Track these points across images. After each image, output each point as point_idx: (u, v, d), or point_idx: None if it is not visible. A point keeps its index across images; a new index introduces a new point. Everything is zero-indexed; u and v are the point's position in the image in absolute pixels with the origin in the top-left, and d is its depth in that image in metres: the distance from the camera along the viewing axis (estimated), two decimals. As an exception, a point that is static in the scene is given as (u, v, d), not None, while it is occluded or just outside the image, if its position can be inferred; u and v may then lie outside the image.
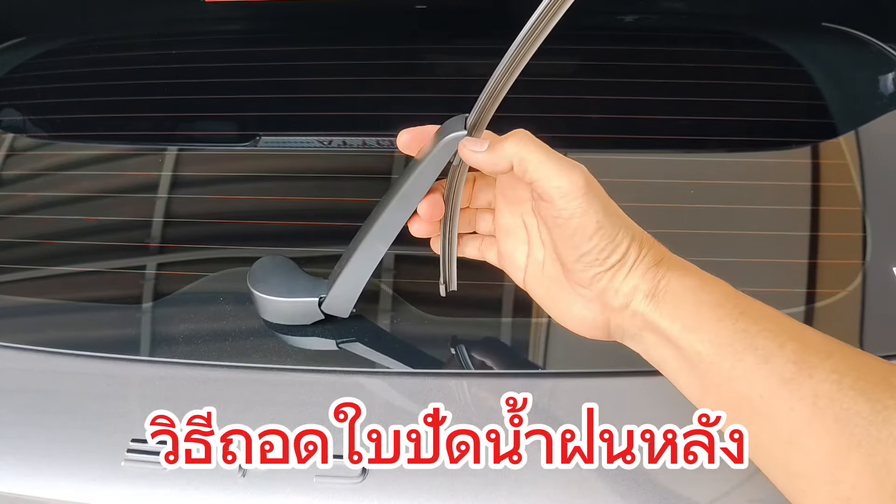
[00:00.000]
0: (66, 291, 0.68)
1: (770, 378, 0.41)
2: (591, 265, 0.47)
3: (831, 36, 0.84)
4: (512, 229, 0.54)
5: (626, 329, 0.48)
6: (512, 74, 0.47)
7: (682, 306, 0.45)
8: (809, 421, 0.39)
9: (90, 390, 0.59)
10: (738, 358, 0.42)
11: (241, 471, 0.53)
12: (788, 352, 0.41)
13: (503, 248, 0.55)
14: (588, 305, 0.49)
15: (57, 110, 0.86)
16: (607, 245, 0.47)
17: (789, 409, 0.40)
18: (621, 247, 0.47)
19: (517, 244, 0.54)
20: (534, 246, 0.53)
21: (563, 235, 0.48)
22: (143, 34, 0.91)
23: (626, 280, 0.47)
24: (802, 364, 0.41)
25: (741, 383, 0.42)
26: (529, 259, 0.54)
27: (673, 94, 0.79)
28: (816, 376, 0.40)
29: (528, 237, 0.54)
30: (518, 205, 0.53)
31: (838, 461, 0.38)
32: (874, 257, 0.65)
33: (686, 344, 0.44)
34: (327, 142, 0.77)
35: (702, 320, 0.44)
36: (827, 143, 0.73)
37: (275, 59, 0.87)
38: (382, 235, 0.56)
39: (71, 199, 0.75)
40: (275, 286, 0.61)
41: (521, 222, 0.54)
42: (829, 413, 0.39)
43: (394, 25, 0.90)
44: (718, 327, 0.43)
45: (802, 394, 0.40)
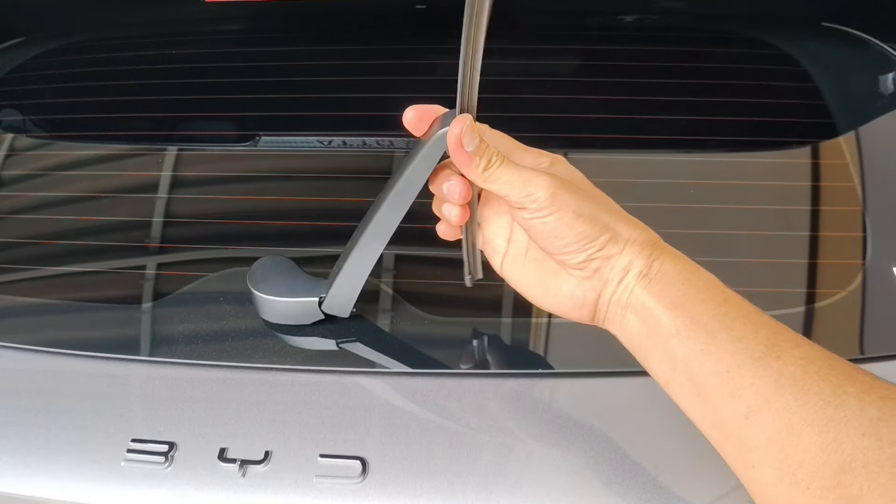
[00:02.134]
0: (66, 291, 0.68)
1: (739, 355, 0.43)
2: (579, 250, 0.49)
3: (831, 36, 0.84)
4: (496, 216, 0.55)
5: (612, 306, 0.49)
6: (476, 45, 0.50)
7: (671, 286, 0.47)
8: (770, 397, 0.41)
9: (90, 390, 0.59)
10: (712, 336, 0.44)
11: (241, 470, 0.53)
12: (762, 336, 0.43)
13: (486, 232, 0.56)
14: (581, 284, 0.50)
15: (57, 110, 0.86)
16: (591, 230, 0.48)
17: (752, 384, 0.42)
18: (609, 227, 0.48)
19: (499, 229, 0.55)
20: (516, 231, 0.54)
21: (542, 234, 0.49)
22: (143, 34, 0.91)
23: (622, 256, 0.48)
24: (773, 348, 0.42)
25: (711, 358, 0.43)
26: (511, 244, 0.54)
27: (673, 94, 0.79)
28: (784, 358, 0.42)
29: (511, 223, 0.54)
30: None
31: (791, 437, 0.40)
32: (874, 257, 0.65)
33: (666, 319, 0.46)
34: (327, 142, 0.77)
35: (687, 299, 0.46)
36: (827, 143, 0.73)
37: (275, 59, 0.87)
38: (378, 234, 0.56)
39: (71, 199, 0.75)
40: (275, 286, 0.61)
41: (506, 209, 0.54)
42: (790, 391, 0.40)
43: (394, 25, 0.90)
44: (701, 308, 0.45)
45: (767, 372, 0.41)
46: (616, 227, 0.49)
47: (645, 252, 0.48)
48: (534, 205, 0.48)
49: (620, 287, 0.48)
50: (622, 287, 0.48)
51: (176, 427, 0.56)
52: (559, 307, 0.52)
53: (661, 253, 0.48)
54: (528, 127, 0.77)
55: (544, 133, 0.76)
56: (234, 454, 0.54)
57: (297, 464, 0.53)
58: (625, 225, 0.49)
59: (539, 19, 0.88)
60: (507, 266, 0.55)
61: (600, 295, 0.50)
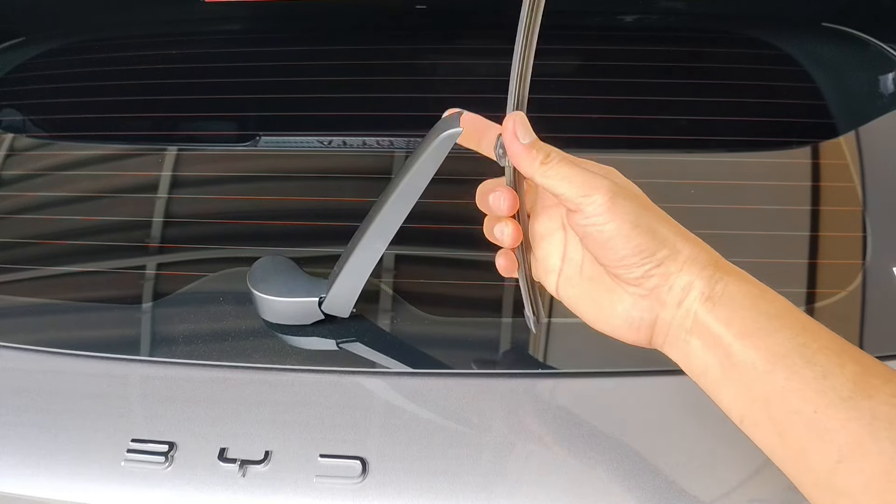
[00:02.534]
0: (66, 291, 0.68)
1: (827, 394, 0.39)
2: (637, 264, 0.46)
3: (831, 36, 0.84)
4: (548, 233, 0.53)
5: (673, 329, 0.46)
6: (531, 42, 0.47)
7: (740, 312, 0.43)
8: (863, 440, 0.38)
9: (90, 390, 0.59)
10: (794, 370, 0.41)
11: (241, 470, 0.53)
12: (848, 372, 0.40)
13: (537, 252, 0.54)
14: (638, 303, 0.47)
15: (57, 110, 0.86)
16: (649, 243, 0.45)
17: (842, 426, 0.39)
18: (668, 242, 0.45)
19: (552, 248, 0.53)
20: (570, 247, 0.52)
21: (598, 242, 0.46)
22: (143, 34, 0.91)
23: (681, 275, 0.45)
24: (862, 385, 0.39)
25: (794, 396, 0.40)
26: (565, 262, 0.52)
27: (673, 94, 0.79)
28: (876, 398, 0.39)
29: (565, 239, 0.52)
30: (556, 207, 0.52)
31: (890, 483, 0.37)
32: (874, 257, 0.65)
33: (738, 349, 0.42)
34: (327, 142, 0.77)
35: (759, 328, 0.42)
36: (827, 143, 0.73)
37: (275, 59, 0.87)
38: (380, 234, 0.56)
39: (71, 199, 0.75)
40: (275, 286, 0.61)
41: (560, 224, 0.52)
42: (885, 434, 0.38)
43: (394, 25, 0.90)
44: (777, 337, 0.42)
45: (860, 413, 0.39)
46: (675, 243, 0.45)
47: (706, 271, 0.45)
48: (591, 207, 0.45)
49: (682, 310, 0.45)
50: (683, 310, 0.45)
51: (176, 427, 0.56)
52: (614, 328, 0.49)
53: (725, 273, 0.45)
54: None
55: (544, 133, 0.76)
56: (234, 454, 0.54)
57: (297, 464, 0.53)
58: (684, 241, 0.46)
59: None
60: (562, 285, 0.52)
61: (658, 316, 0.46)
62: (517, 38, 0.46)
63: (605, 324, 0.50)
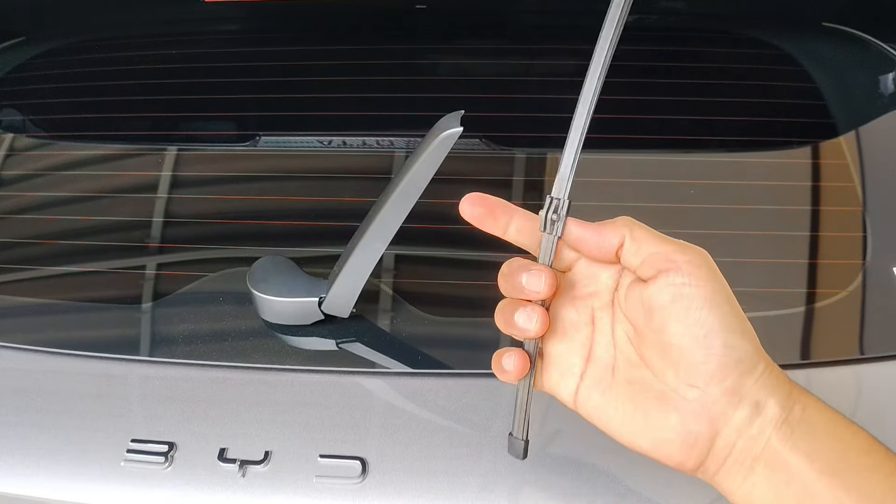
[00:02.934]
0: (66, 291, 0.68)
1: None
2: (719, 356, 0.38)
3: (831, 36, 0.84)
4: (572, 327, 0.45)
5: (735, 454, 0.39)
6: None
7: (824, 444, 0.38)
8: None
9: (90, 390, 0.59)
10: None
11: (240, 471, 0.53)
12: None
13: (553, 351, 0.45)
14: (691, 417, 0.39)
15: (57, 110, 0.86)
16: (740, 328, 0.39)
17: None
18: (753, 340, 0.39)
19: (575, 346, 0.44)
20: (599, 345, 0.44)
21: (687, 309, 0.39)
22: (142, 34, 0.91)
23: (755, 388, 0.39)
24: None
25: None
26: (590, 363, 0.44)
27: (673, 94, 0.79)
28: None
29: (592, 335, 0.44)
30: (588, 298, 0.45)
31: None
32: (874, 257, 0.64)
33: (823, 490, 0.37)
34: (327, 142, 0.77)
35: (849, 465, 0.37)
36: (827, 143, 0.73)
37: (275, 58, 0.87)
38: (380, 235, 0.56)
39: (71, 199, 0.75)
40: (274, 286, 0.61)
41: (588, 318, 0.45)
42: None
43: (393, 25, 0.90)
44: (868, 479, 0.37)
45: None
46: (760, 349, 0.39)
47: (783, 389, 0.39)
48: (689, 265, 0.39)
49: (751, 431, 0.38)
50: (753, 431, 0.38)
51: (176, 427, 0.56)
52: (660, 444, 0.41)
53: (802, 394, 0.39)
54: (529, 127, 0.77)
55: (545, 133, 0.76)
56: (234, 454, 0.54)
57: (297, 464, 0.53)
58: (758, 349, 0.40)
59: (539, 19, 0.88)
60: (585, 392, 0.44)
61: (719, 434, 0.39)
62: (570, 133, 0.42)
63: (646, 438, 0.41)
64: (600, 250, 0.42)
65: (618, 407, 0.43)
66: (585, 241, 0.43)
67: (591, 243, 0.42)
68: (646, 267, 0.41)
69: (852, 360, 0.59)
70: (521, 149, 0.74)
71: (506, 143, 0.75)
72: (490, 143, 0.74)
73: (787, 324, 0.61)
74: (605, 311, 0.44)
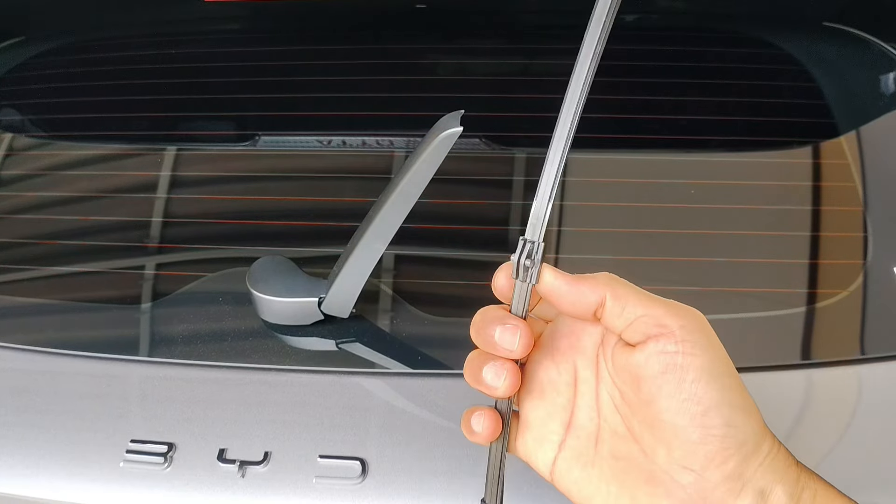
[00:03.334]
0: (65, 291, 0.68)
1: None
2: (719, 436, 0.34)
3: (832, 35, 0.84)
4: (551, 387, 0.40)
5: None
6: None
7: None
8: None
9: (89, 391, 0.59)
10: None
11: (240, 471, 0.53)
12: None
13: (530, 414, 0.40)
14: (691, 500, 0.35)
15: (56, 110, 0.86)
16: (742, 404, 0.34)
17: None
18: (757, 417, 0.35)
19: (554, 409, 0.40)
20: (582, 412, 0.39)
21: (681, 382, 0.34)
22: (142, 34, 0.91)
23: (760, 472, 0.34)
24: None
25: None
26: (570, 431, 0.39)
27: (673, 93, 0.79)
28: None
29: (575, 399, 0.39)
30: (571, 352, 0.40)
31: None
32: (875, 257, 0.64)
33: None
34: (326, 141, 0.77)
35: None
36: (828, 143, 0.73)
37: (274, 58, 0.87)
38: (380, 234, 0.56)
39: (70, 199, 0.75)
40: (274, 286, 0.61)
41: (570, 377, 0.40)
42: None
43: (393, 25, 0.89)
44: None
45: None
46: (764, 427, 0.35)
47: (790, 474, 0.35)
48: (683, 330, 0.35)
49: None
50: None
51: (175, 427, 0.56)
52: None
53: (811, 478, 0.35)
54: (529, 127, 0.77)
55: (545, 133, 0.76)
56: (234, 455, 0.54)
57: (297, 464, 0.53)
58: (764, 424, 0.35)
59: (539, 19, 0.88)
60: (562, 464, 0.39)
61: None
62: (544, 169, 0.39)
63: None
64: (575, 307, 0.37)
65: (600, 486, 0.38)
66: (558, 295, 0.37)
67: (565, 298, 0.37)
68: (632, 331, 0.36)
69: (853, 361, 0.59)
70: (521, 149, 0.74)
71: (506, 143, 0.74)
72: (490, 143, 0.74)
73: (788, 324, 0.61)
74: (589, 370, 0.39)
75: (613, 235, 0.67)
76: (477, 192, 0.72)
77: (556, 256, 0.65)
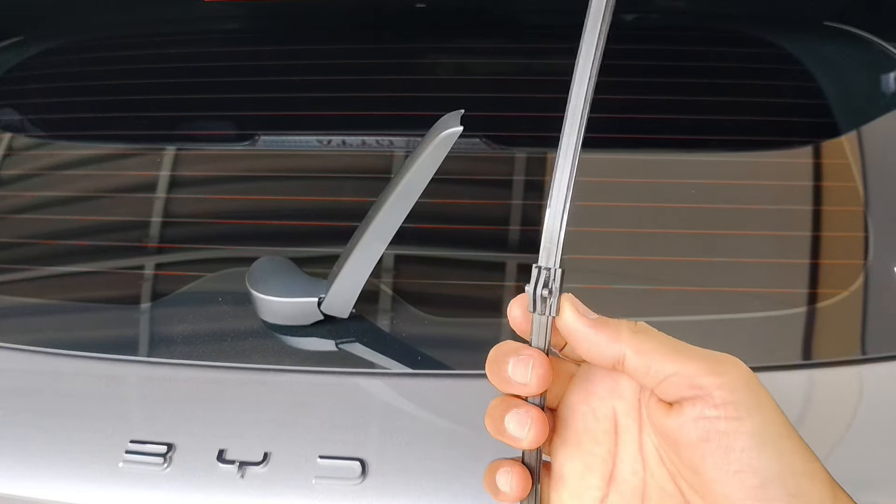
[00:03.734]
0: (65, 292, 0.68)
1: None
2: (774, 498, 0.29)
3: (833, 35, 0.84)
4: (589, 436, 0.35)
5: None
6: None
7: None
8: None
9: (88, 391, 0.59)
10: None
11: (239, 472, 0.53)
12: None
13: (564, 466, 0.36)
14: None
15: (55, 110, 0.85)
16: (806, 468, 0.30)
17: None
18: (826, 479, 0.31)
19: (593, 461, 0.35)
20: (625, 465, 0.34)
21: (728, 451, 0.30)
22: (141, 33, 0.91)
23: None
24: None
25: None
26: (614, 487, 0.34)
27: (673, 93, 0.79)
28: None
29: (616, 449, 0.35)
30: (610, 397, 0.35)
31: None
32: (876, 257, 0.64)
33: None
34: (326, 141, 0.77)
35: None
36: (828, 143, 0.73)
37: (274, 58, 0.87)
38: (380, 234, 0.55)
39: (69, 198, 0.75)
40: (274, 286, 0.61)
41: (610, 425, 0.35)
42: None
43: (393, 24, 0.89)
44: None
45: None
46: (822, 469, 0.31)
47: None
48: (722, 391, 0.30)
49: None
50: None
51: (174, 428, 0.56)
52: None
53: None
54: (529, 126, 0.77)
55: (545, 132, 0.76)
56: (233, 455, 0.54)
57: (297, 465, 0.53)
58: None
59: (539, 18, 0.88)
60: None
61: None
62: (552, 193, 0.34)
63: None
64: (591, 355, 0.33)
65: None
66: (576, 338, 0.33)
67: (583, 343, 0.33)
68: (664, 391, 0.32)
69: (854, 361, 0.59)
70: (522, 148, 0.74)
71: (506, 143, 0.74)
72: (490, 142, 0.74)
73: (789, 324, 0.61)
74: (630, 417, 0.34)
75: (614, 235, 0.67)
76: (477, 192, 0.72)
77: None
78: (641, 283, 0.64)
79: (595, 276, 0.65)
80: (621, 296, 0.64)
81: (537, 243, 0.34)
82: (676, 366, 0.31)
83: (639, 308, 0.63)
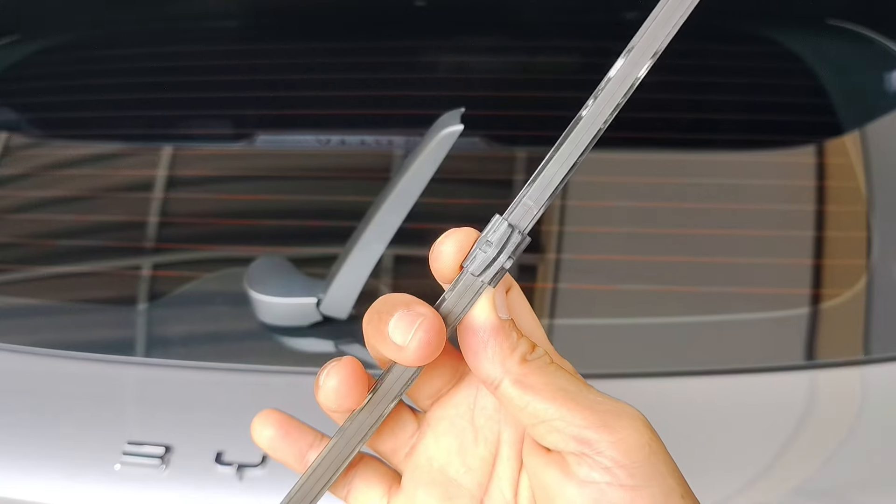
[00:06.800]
0: (62, 292, 0.68)
1: None
2: None
3: (836, 33, 0.83)
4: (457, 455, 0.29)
5: None
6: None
7: None
8: None
9: (86, 392, 0.59)
10: None
11: (237, 473, 0.53)
12: None
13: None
14: None
15: (52, 109, 0.85)
16: None
17: None
18: None
19: (452, 490, 0.29)
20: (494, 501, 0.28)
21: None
22: (139, 32, 0.91)
23: None
24: None
25: None
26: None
27: (676, 91, 0.79)
28: None
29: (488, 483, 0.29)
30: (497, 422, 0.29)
31: None
32: (879, 257, 0.64)
33: None
34: (325, 140, 0.77)
35: None
36: (831, 142, 0.73)
37: (272, 57, 0.87)
38: (379, 235, 0.55)
39: (66, 198, 0.75)
40: (272, 287, 0.60)
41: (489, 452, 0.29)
42: None
43: (393, 23, 0.89)
44: None
45: None
46: None
47: None
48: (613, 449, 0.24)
49: None
50: None
51: (172, 429, 0.55)
52: None
53: None
54: (529, 125, 0.77)
55: (545, 132, 0.75)
56: (231, 457, 0.54)
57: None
58: None
59: (539, 17, 0.88)
60: None
61: None
62: None
63: None
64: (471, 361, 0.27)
65: None
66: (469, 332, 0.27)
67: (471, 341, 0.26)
68: (543, 435, 0.25)
69: (857, 362, 0.58)
70: (521, 148, 0.74)
71: (506, 142, 0.74)
72: (490, 141, 0.74)
73: (791, 325, 0.61)
74: (515, 449, 0.28)
75: (614, 235, 0.67)
76: (477, 192, 0.72)
77: (556, 256, 0.65)
78: (641, 283, 0.64)
79: (595, 276, 0.65)
80: (621, 296, 0.63)
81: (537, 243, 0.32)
82: (561, 410, 0.25)
83: (639, 308, 0.62)
